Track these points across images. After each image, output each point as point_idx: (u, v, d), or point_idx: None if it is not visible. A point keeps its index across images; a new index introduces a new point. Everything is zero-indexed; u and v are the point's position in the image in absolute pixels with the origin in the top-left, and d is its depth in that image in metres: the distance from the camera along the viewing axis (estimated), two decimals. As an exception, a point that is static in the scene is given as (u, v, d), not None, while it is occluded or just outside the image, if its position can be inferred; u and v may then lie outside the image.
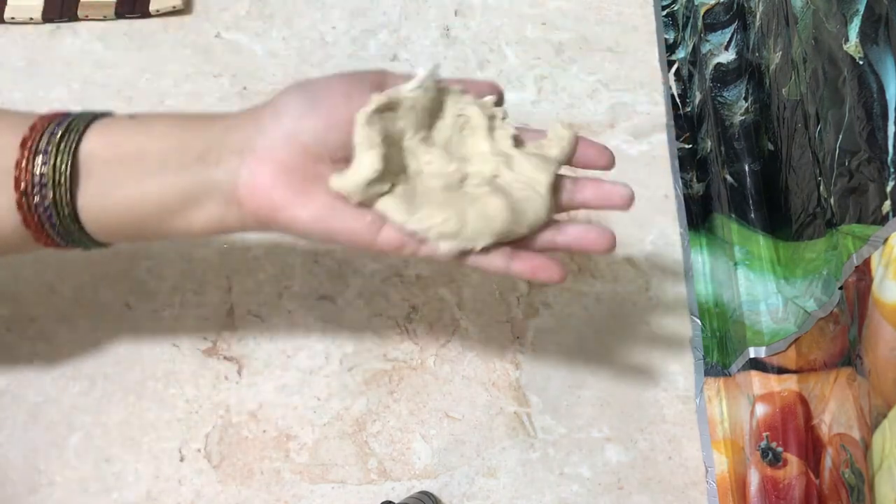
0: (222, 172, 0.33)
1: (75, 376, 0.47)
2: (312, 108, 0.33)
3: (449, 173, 0.34)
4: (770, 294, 0.45)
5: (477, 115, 0.35)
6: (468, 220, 0.33)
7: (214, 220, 0.34)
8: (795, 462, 0.40)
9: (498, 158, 0.35)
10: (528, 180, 0.34)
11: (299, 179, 0.33)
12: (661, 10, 0.59)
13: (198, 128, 0.34)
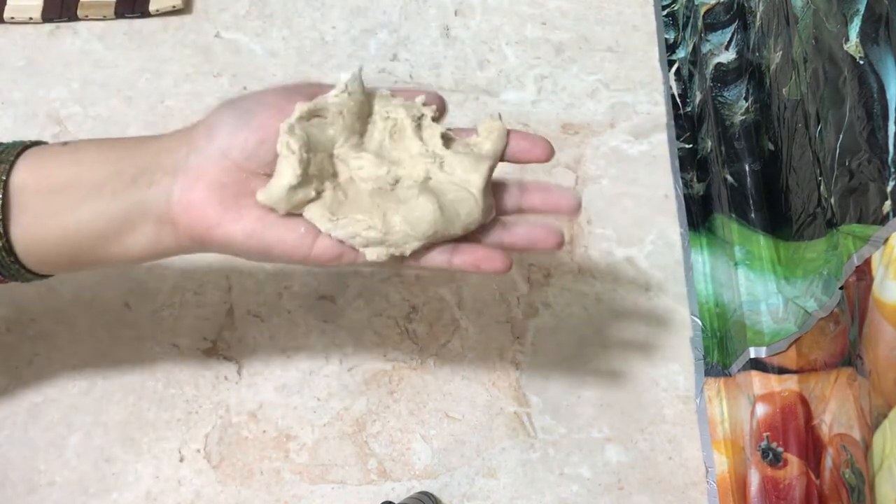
0: (155, 193, 0.32)
1: (75, 376, 0.47)
2: (244, 124, 0.32)
3: (380, 177, 0.34)
4: (770, 294, 0.45)
5: (403, 116, 0.34)
6: (394, 225, 0.32)
7: (151, 243, 0.34)
8: (796, 462, 0.40)
9: (428, 160, 0.34)
10: (460, 181, 0.34)
11: (231, 195, 0.32)
12: (662, 9, 0.59)
13: (131, 152, 0.33)
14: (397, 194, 0.33)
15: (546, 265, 0.51)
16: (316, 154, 0.33)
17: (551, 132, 0.55)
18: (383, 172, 0.34)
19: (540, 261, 0.51)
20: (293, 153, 0.32)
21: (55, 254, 0.34)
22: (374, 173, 0.33)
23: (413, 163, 0.34)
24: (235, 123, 0.32)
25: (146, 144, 0.34)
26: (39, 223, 0.33)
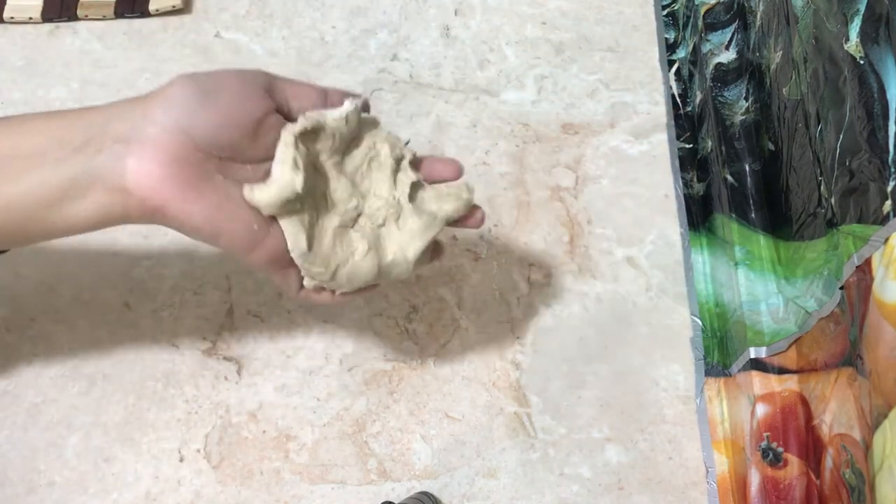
0: (105, 160, 0.32)
1: (75, 376, 0.47)
2: (206, 104, 0.32)
3: (347, 210, 0.36)
4: (770, 294, 0.45)
5: (386, 154, 0.37)
6: (339, 277, 0.36)
7: (98, 211, 0.33)
8: (796, 462, 0.40)
9: (391, 209, 0.37)
10: (403, 243, 0.37)
11: (191, 174, 0.32)
12: (662, 9, 0.59)
13: (74, 121, 0.33)
14: (352, 240, 0.36)
15: (546, 265, 0.51)
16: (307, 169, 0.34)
17: (551, 132, 0.55)
18: (352, 206, 0.36)
19: (540, 261, 0.51)
20: (298, 169, 0.33)
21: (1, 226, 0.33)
22: (345, 204, 0.36)
23: (377, 204, 0.37)
24: (197, 102, 0.32)
25: (92, 113, 0.33)
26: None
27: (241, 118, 0.33)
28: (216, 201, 0.32)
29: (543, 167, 0.54)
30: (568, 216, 0.52)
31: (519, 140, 0.55)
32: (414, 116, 0.55)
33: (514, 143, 0.54)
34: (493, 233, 0.52)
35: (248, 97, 0.33)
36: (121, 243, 0.50)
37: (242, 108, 0.33)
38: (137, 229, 0.51)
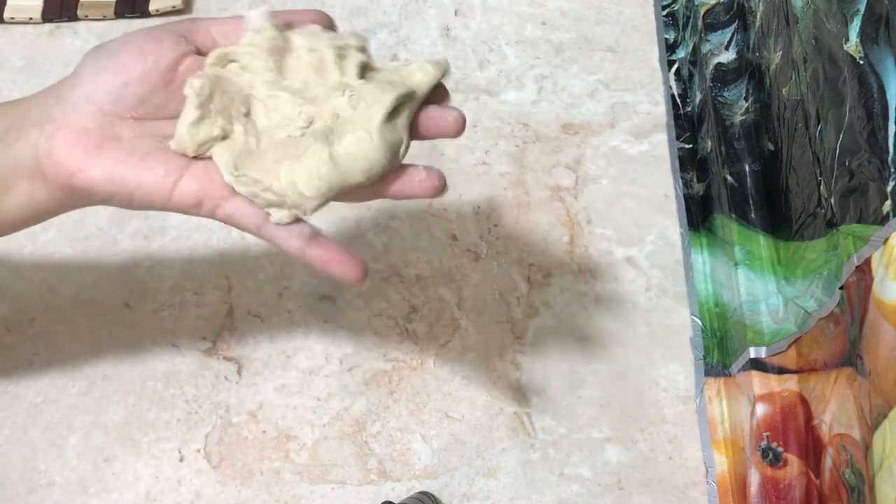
0: (23, 147, 0.31)
1: (75, 376, 0.47)
2: (106, 67, 0.31)
3: (292, 119, 0.32)
4: (770, 294, 0.45)
5: (326, 49, 0.32)
6: (289, 185, 0.31)
7: (27, 202, 0.32)
8: (796, 462, 0.40)
9: (338, 93, 0.31)
10: (361, 118, 0.31)
11: (95, 140, 0.31)
12: (662, 9, 0.59)
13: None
14: (300, 144, 0.31)
15: (546, 265, 0.51)
16: (225, 94, 0.32)
17: (551, 132, 0.55)
18: (296, 112, 0.31)
19: (540, 261, 0.51)
20: (193, 90, 0.31)
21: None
22: (290, 114, 0.31)
23: (325, 98, 0.31)
24: (97, 67, 0.31)
25: (15, 104, 0.33)
26: None
27: (144, 72, 0.32)
28: (116, 158, 0.31)
29: (543, 167, 0.54)
30: (568, 216, 0.52)
31: (519, 140, 0.55)
32: (414, 116, 0.55)
33: (514, 143, 0.55)
34: (493, 233, 0.52)
35: (154, 49, 0.32)
36: (121, 243, 0.50)
37: (146, 60, 0.31)
38: (138, 230, 0.51)
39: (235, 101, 0.32)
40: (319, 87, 0.32)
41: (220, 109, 0.32)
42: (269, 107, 0.32)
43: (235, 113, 0.32)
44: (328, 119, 0.31)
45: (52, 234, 0.50)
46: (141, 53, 0.31)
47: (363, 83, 0.31)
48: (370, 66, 0.33)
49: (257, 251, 0.50)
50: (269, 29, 0.32)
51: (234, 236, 0.50)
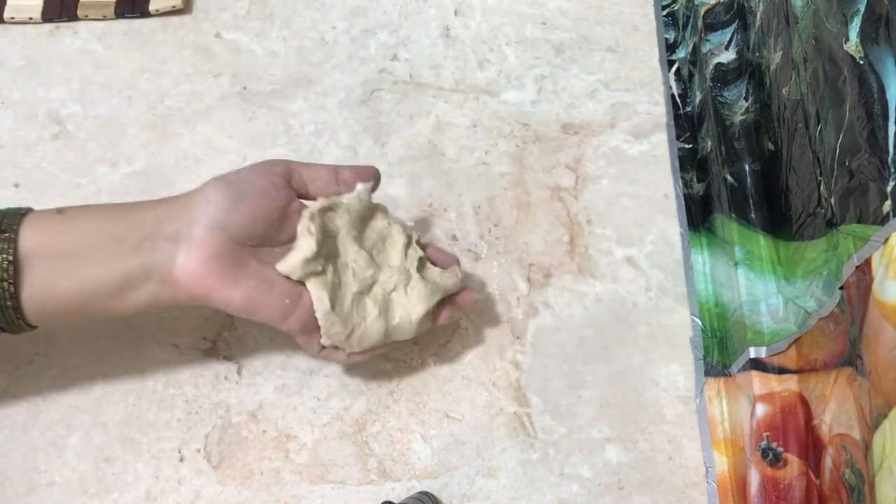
0: (159, 257, 0.37)
1: (75, 376, 0.47)
2: (238, 204, 0.38)
3: (365, 278, 0.42)
4: (770, 294, 0.45)
5: (398, 232, 0.44)
6: (353, 336, 0.42)
7: (150, 299, 0.38)
8: (796, 462, 0.40)
9: (401, 276, 0.43)
10: (409, 305, 0.43)
11: (230, 265, 0.38)
12: (662, 9, 0.59)
13: (130, 219, 0.38)
14: (366, 305, 0.42)
15: (546, 265, 0.51)
16: (326, 239, 0.41)
17: (551, 132, 0.55)
18: (368, 274, 0.42)
19: (540, 261, 0.51)
20: (312, 235, 0.40)
21: (62, 311, 0.38)
22: (363, 272, 0.42)
23: (390, 272, 0.43)
24: (230, 203, 0.38)
25: (142, 212, 0.38)
26: (47, 286, 0.37)
27: (267, 212, 0.39)
28: (253, 284, 0.39)
29: (543, 167, 0.54)
30: (568, 216, 0.52)
31: (519, 140, 0.55)
32: (414, 116, 0.55)
33: (514, 143, 0.55)
34: (493, 233, 0.52)
35: (272, 193, 0.40)
36: (121, 243, 0.50)
37: (268, 204, 0.39)
38: (137, 229, 0.51)
39: (330, 243, 0.42)
40: (385, 257, 0.44)
41: (324, 254, 0.41)
42: (351, 258, 0.42)
43: (331, 254, 0.42)
44: (386, 286, 0.43)
45: (52, 234, 0.50)
46: (266, 196, 0.39)
47: (418, 278, 0.43)
48: (423, 262, 0.44)
49: (257, 251, 0.50)
50: (368, 200, 0.43)
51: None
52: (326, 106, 0.55)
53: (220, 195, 0.38)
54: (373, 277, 0.43)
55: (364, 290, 0.42)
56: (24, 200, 0.51)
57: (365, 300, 0.42)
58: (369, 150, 0.54)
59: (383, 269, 0.43)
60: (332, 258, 0.42)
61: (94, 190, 0.52)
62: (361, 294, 0.42)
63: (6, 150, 0.53)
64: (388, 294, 0.43)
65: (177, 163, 0.53)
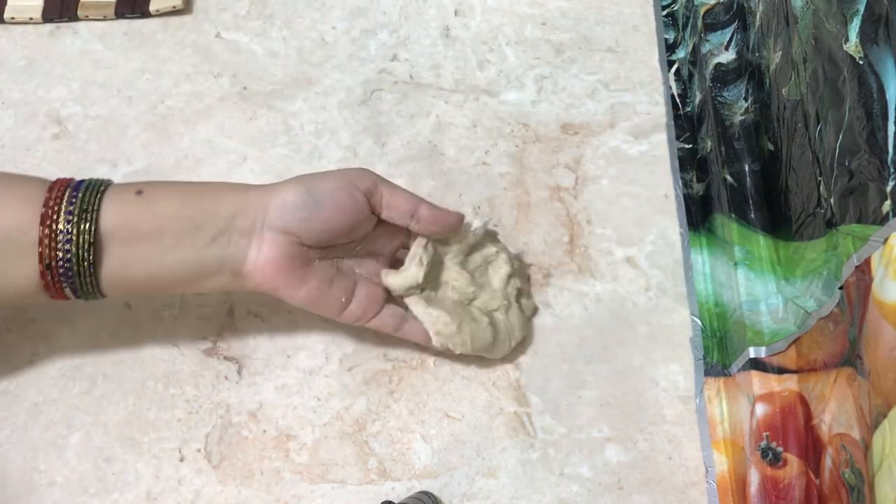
0: (232, 252, 0.40)
1: (76, 376, 0.47)
2: (313, 214, 0.40)
3: (466, 293, 0.45)
4: (770, 294, 0.45)
5: (503, 261, 0.47)
6: (463, 331, 0.44)
7: (220, 287, 0.41)
8: (795, 462, 0.40)
9: (504, 301, 0.46)
10: (510, 327, 0.46)
11: (297, 266, 0.40)
12: (661, 9, 0.59)
13: (207, 209, 0.39)
14: (470, 311, 0.45)
15: (546, 265, 0.51)
16: (433, 267, 0.44)
17: (551, 132, 0.55)
18: (470, 290, 0.45)
19: (540, 261, 0.51)
20: (422, 266, 0.43)
21: (134, 290, 0.41)
22: (464, 288, 0.45)
23: (492, 295, 0.46)
24: (307, 213, 0.40)
25: (220, 202, 0.39)
26: (123, 266, 0.38)
27: (340, 226, 0.41)
28: (315, 285, 0.41)
29: (543, 167, 0.54)
30: (568, 216, 0.52)
31: (519, 140, 0.55)
32: (414, 116, 0.55)
33: (514, 143, 0.55)
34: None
35: (350, 209, 0.41)
36: (121, 243, 0.50)
37: (343, 218, 0.41)
38: (138, 229, 0.51)
39: (436, 267, 0.45)
40: (487, 280, 0.47)
41: (428, 278, 0.44)
42: (453, 277, 0.46)
43: (434, 276, 0.45)
44: (489, 305, 0.46)
45: (53, 234, 0.50)
46: (342, 211, 0.41)
47: (517, 308, 0.47)
48: (521, 294, 0.48)
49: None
50: (482, 234, 0.46)
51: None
52: (326, 106, 0.55)
53: (297, 200, 0.40)
54: (473, 294, 0.46)
55: (463, 302, 0.45)
56: (24, 200, 0.51)
57: (471, 308, 0.45)
58: (369, 151, 0.54)
59: (485, 289, 0.46)
60: (432, 279, 0.45)
61: (94, 190, 0.52)
62: (462, 303, 0.45)
63: (6, 150, 0.53)
64: (491, 312, 0.46)
65: (177, 163, 0.53)
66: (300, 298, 0.41)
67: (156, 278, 0.39)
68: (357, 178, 0.41)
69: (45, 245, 0.37)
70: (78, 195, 0.37)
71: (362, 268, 0.45)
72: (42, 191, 0.38)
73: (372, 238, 0.44)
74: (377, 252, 0.45)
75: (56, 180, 0.39)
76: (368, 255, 0.45)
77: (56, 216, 0.37)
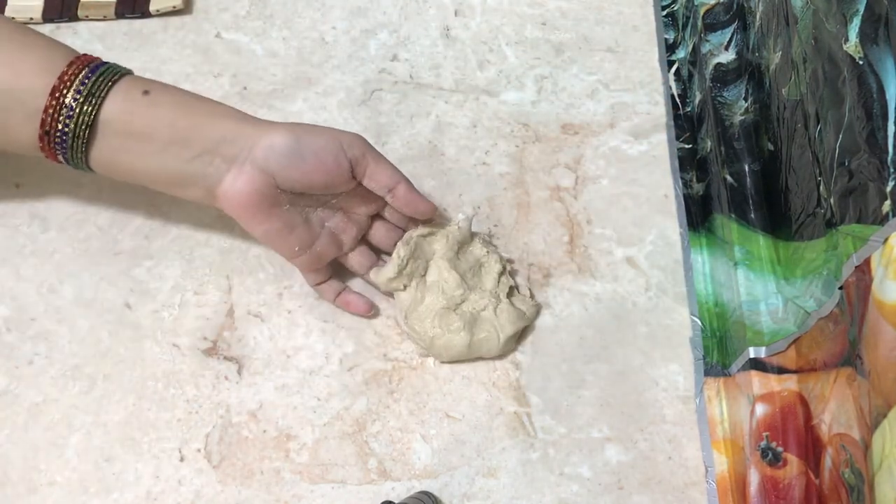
0: (211, 172, 0.42)
1: (76, 376, 0.47)
2: (295, 165, 0.41)
3: (453, 296, 0.46)
4: (770, 294, 0.45)
5: (495, 263, 0.48)
6: (437, 344, 0.46)
7: (196, 199, 0.43)
8: (795, 462, 0.40)
9: (492, 298, 0.47)
10: (498, 324, 0.46)
11: (265, 204, 0.42)
12: (661, 9, 0.59)
13: (201, 126, 0.41)
14: (451, 319, 0.46)
15: (546, 265, 0.51)
16: (416, 260, 0.46)
17: (551, 132, 0.55)
18: (458, 293, 0.46)
19: (540, 261, 0.51)
20: (399, 258, 0.45)
21: (120, 176, 0.43)
22: (453, 291, 0.46)
23: (482, 294, 0.47)
24: (289, 161, 0.41)
25: (215, 124, 0.41)
26: (113, 157, 0.41)
27: (318, 182, 0.43)
28: (276, 227, 0.43)
29: (543, 167, 0.54)
30: (568, 216, 0.52)
31: (519, 140, 0.55)
32: (414, 117, 0.55)
33: (514, 143, 0.55)
34: (492, 233, 0.52)
35: (332, 170, 0.42)
36: (121, 243, 0.50)
37: (322, 177, 0.42)
38: (139, 229, 0.51)
39: (419, 264, 0.47)
40: (478, 280, 0.48)
41: (409, 273, 0.46)
42: (442, 278, 0.46)
43: (418, 272, 0.47)
44: (474, 306, 0.47)
45: (53, 234, 0.50)
46: (323, 171, 0.42)
47: (508, 303, 0.47)
48: (513, 290, 0.48)
49: (257, 251, 0.50)
50: (467, 230, 0.47)
51: (235, 235, 0.51)
52: (326, 106, 0.55)
53: (284, 148, 0.41)
54: (462, 297, 0.46)
55: (451, 307, 0.46)
56: (24, 200, 0.51)
57: (451, 315, 0.46)
58: (369, 151, 0.54)
59: (475, 290, 0.47)
60: (420, 276, 0.47)
61: (95, 189, 0.52)
62: (448, 309, 0.46)
63: (6, 150, 0.53)
64: (477, 312, 0.46)
65: (177, 163, 0.53)
66: (258, 233, 0.44)
67: (139, 173, 0.42)
68: (348, 143, 0.43)
69: (48, 114, 0.40)
70: (91, 78, 0.40)
71: (331, 221, 0.46)
72: (63, 63, 0.40)
73: (349, 196, 0.45)
74: (351, 210, 0.47)
75: (78, 56, 0.41)
76: (341, 210, 0.46)
77: (66, 91, 0.39)
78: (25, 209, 0.51)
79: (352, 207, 0.46)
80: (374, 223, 0.48)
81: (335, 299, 0.48)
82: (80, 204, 0.51)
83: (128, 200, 0.51)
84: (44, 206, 0.51)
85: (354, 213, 0.47)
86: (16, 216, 0.51)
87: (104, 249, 0.50)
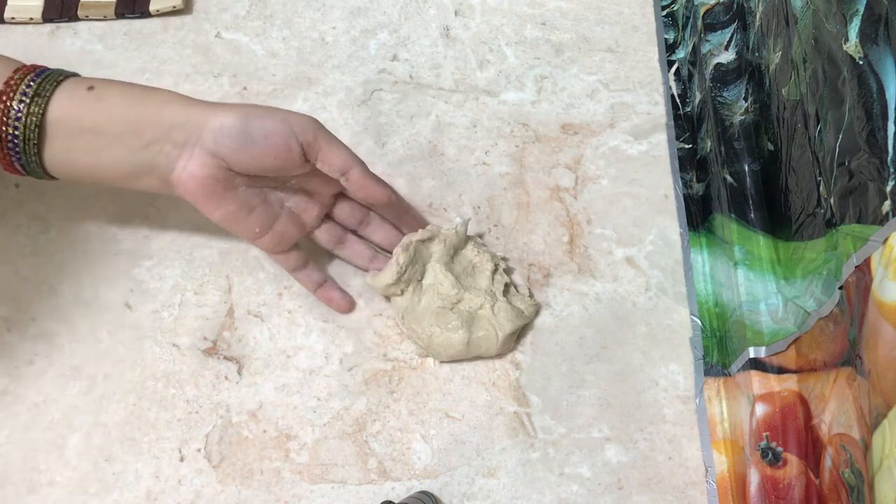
0: (163, 160, 0.41)
1: (76, 376, 0.47)
2: (244, 148, 0.41)
3: (449, 296, 0.46)
4: (770, 294, 0.45)
5: (487, 262, 0.48)
6: (435, 343, 0.46)
7: (152, 188, 0.43)
8: (795, 462, 0.40)
9: (488, 297, 0.47)
10: (497, 322, 0.46)
11: (219, 188, 0.42)
12: (661, 10, 0.59)
13: (149, 115, 0.41)
14: (449, 318, 0.46)
15: (546, 265, 0.51)
16: (414, 265, 0.46)
17: (551, 132, 0.55)
18: (453, 294, 0.46)
19: (540, 261, 0.51)
20: (398, 265, 0.46)
21: (76, 177, 0.42)
22: (448, 292, 0.46)
23: (477, 294, 0.47)
24: (237, 144, 0.41)
25: (163, 111, 0.41)
26: (66, 154, 0.41)
27: (269, 165, 0.42)
28: (233, 210, 0.43)
29: (543, 167, 0.54)
30: (568, 216, 0.52)
31: (519, 140, 0.55)
32: (414, 117, 0.55)
33: (514, 143, 0.55)
34: (492, 233, 0.52)
35: (281, 154, 0.42)
36: (121, 243, 0.50)
37: (272, 160, 0.42)
38: (138, 229, 0.51)
39: (417, 269, 0.47)
40: (472, 281, 0.48)
41: (407, 279, 0.46)
42: (438, 280, 0.47)
43: (415, 277, 0.47)
44: (472, 306, 0.47)
45: (53, 234, 0.51)
46: (274, 154, 0.42)
47: (505, 301, 0.47)
48: (508, 287, 0.48)
49: (257, 251, 0.50)
50: (464, 233, 0.48)
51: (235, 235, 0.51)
52: (326, 106, 0.55)
53: (232, 130, 0.41)
54: (457, 297, 0.47)
55: (447, 307, 0.46)
56: (24, 200, 0.51)
57: (449, 314, 0.46)
58: (369, 150, 0.54)
59: (470, 291, 0.47)
60: (417, 280, 0.47)
61: (95, 189, 0.52)
62: (444, 309, 0.46)
63: (6, 150, 0.53)
64: (474, 311, 0.47)
65: (177, 163, 0.53)
66: (216, 217, 0.43)
67: (94, 169, 0.41)
68: (299, 126, 0.42)
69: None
70: (36, 81, 0.40)
71: (292, 202, 0.46)
72: (9, 71, 0.40)
73: (307, 178, 0.45)
74: (312, 191, 0.46)
75: (25, 65, 0.41)
76: (302, 191, 0.46)
77: (13, 95, 0.39)
78: (25, 209, 0.51)
79: (312, 188, 0.46)
80: (337, 201, 0.48)
81: (316, 291, 0.48)
82: (80, 204, 0.51)
83: (128, 200, 0.51)
84: (44, 206, 0.51)
85: (316, 193, 0.47)
86: (16, 216, 0.51)
87: (104, 249, 0.50)
